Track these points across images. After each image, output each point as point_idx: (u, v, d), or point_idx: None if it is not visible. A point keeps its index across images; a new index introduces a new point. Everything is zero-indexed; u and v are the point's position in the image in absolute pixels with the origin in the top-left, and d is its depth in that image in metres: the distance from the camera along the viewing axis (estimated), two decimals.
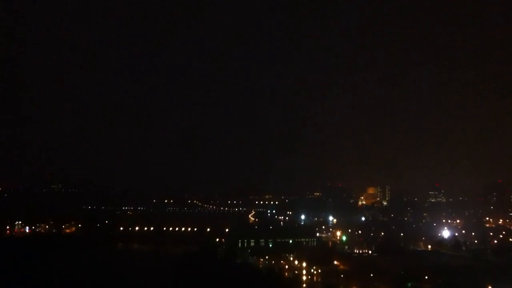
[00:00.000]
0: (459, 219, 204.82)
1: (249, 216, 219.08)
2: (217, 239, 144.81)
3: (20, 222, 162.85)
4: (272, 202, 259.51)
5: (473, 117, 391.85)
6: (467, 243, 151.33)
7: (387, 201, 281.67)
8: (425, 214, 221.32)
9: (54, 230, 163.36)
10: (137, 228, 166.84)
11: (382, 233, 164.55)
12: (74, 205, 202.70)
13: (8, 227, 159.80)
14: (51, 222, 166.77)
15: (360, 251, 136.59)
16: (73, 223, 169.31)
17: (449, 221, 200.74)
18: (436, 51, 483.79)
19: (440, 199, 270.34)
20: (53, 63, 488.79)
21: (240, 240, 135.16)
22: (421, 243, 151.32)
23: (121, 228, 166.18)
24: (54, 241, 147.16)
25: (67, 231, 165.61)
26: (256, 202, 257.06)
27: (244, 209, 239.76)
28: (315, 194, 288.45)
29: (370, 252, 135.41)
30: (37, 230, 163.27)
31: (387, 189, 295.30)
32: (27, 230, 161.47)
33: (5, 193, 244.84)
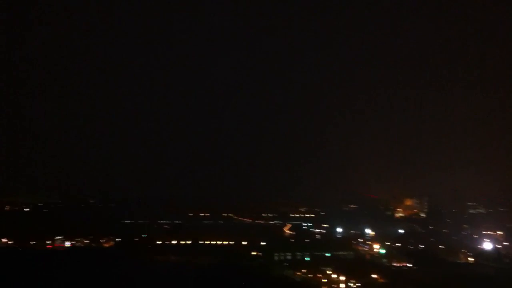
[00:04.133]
0: (500, 231, 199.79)
1: (285, 229, 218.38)
2: (253, 252, 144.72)
3: (60, 236, 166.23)
4: (307, 215, 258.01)
5: None
6: (510, 255, 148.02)
7: (425, 213, 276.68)
8: (464, 225, 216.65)
9: (93, 244, 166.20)
10: (173, 242, 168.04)
11: (421, 246, 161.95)
12: (112, 219, 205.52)
13: (48, 241, 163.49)
14: (90, 236, 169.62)
15: (399, 264, 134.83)
16: (111, 237, 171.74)
17: (490, 232, 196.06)
18: (462, 52, 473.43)
19: (480, 210, 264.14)
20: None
21: (276, 253, 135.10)
22: (462, 255, 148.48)
23: (158, 242, 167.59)
24: (92, 254, 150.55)
25: (106, 245, 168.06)
26: (291, 215, 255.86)
27: (280, 222, 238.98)
28: (351, 206, 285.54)
29: (409, 265, 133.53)
30: (77, 244, 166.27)
31: (425, 201, 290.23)
32: (67, 244, 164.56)
33: (44, 208, 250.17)
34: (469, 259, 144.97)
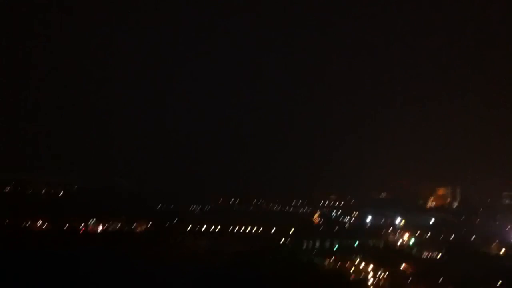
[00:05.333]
0: None
1: (314, 217, 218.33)
2: (282, 239, 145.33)
3: (93, 219, 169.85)
4: (337, 203, 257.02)
5: None
6: None
7: (458, 202, 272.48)
8: (498, 215, 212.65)
9: (125, 228, 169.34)
10: (204, 227, 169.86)
11: (452, 236, 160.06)
12: (145, 204, 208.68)
13: (82, 224, 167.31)
14: (123, 220, 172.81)
15: (429, 254, 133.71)
16: (143, 221, 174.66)
17: None
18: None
19: None
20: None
21: (305, 241, 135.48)
22: (494, 247, 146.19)
23: (189, 227, 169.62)
24: (124, 238, 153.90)
25: (138, 229, 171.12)
26: (321, 203, 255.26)
27: (309, 209, 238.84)
28: (381, 195, 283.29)
29: (439, 255, 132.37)
30: (110, 228, 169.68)
31: (458, 190, 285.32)
32: (100, 228, 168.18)
33: (79, 191, 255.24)
34: (502, 250, 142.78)
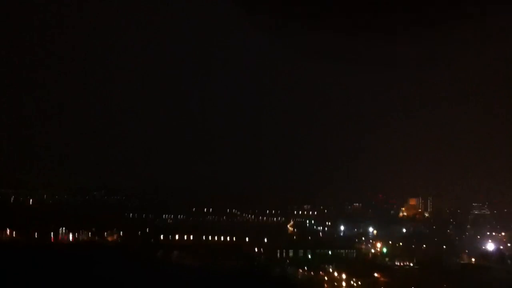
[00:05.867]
0: (504, 232, 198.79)
1: (288, 226, 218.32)
2: (256, 249, 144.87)
3: (64, 229, 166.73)
4: (311, 213, 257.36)
5: None
6: None
7: (429, 213, 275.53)
8: (468, 226, 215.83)
9: (96, 238, 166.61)
10: (177, 237, 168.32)
11: (424, 245, 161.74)
12: (117, 213, 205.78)
13: (52, 233, 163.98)
14: (94, 230, 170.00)
15: (401, 264, 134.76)
16: (115, 230, 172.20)
17: (494, 234, 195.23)
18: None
19: (484, 211, 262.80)
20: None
21: (278, 250, 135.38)
22: (464, 256, 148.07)
23: (162, 237, 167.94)
24: (95, 249, 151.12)
25: (109, 239, 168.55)
26: (295, 212, 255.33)
27: (283, 219, 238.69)
28: (354, 205, 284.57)
29: (411, 264, 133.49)
30: (80, 237, 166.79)
31: (429, 201, 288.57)
32: (70, 237, 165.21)
33: (49, 200, 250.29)
34: (472, 259, 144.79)
